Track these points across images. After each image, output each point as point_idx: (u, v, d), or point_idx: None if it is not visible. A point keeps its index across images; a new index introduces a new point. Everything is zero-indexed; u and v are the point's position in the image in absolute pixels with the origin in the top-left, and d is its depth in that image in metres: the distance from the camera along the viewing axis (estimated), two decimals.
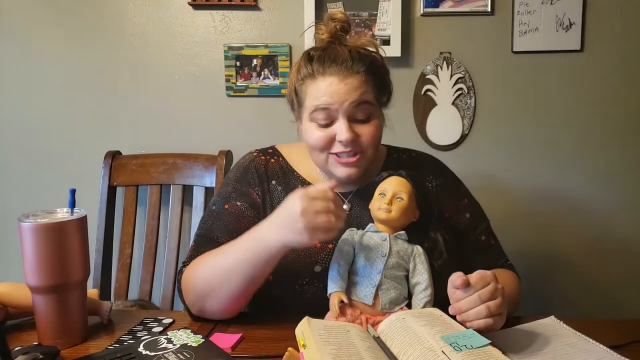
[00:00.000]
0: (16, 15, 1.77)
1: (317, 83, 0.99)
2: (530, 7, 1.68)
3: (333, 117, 0.99)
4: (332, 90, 0.97)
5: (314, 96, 0.99)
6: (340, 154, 1.00)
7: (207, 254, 1.00)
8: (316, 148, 1.01)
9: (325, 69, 0.98)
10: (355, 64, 0.99)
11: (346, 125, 0.97)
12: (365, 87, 0.98)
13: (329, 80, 0.98)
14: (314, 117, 1.00)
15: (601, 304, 1.79)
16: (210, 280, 0.94)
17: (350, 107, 0.97)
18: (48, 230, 0.85)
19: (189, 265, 1.01)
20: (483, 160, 1.77)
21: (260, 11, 1.74)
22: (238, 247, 0.93)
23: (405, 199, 0.94)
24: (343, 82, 0.97)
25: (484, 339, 0.76)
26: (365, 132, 0.99)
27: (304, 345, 0.77)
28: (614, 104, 1.73)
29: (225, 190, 1.10)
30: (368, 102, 0.99)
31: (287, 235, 0.86)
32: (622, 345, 0.86)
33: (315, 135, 1.00)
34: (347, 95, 0.97)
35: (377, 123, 1.01)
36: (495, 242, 1.14)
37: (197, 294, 0.96)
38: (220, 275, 0.93)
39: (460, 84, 1.74)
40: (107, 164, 1.72)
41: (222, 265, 0.93)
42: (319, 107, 0.98)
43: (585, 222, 1.77)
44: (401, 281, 0.93)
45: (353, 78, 0.98)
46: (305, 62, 1.02)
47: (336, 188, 0.92)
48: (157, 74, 1.79)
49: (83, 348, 0.89)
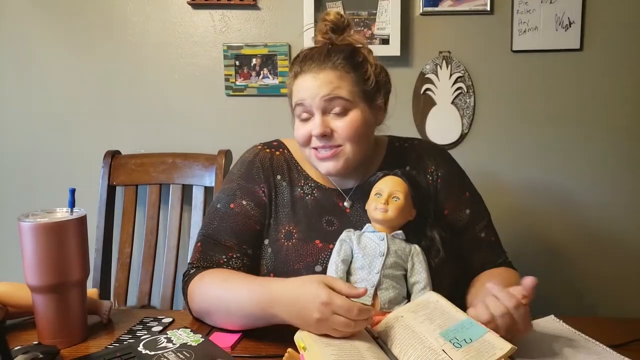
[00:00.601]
0: (16, 15, 1.77)
1: (297, 81, 1.03)
2: (529, 6, 1.68)
3: (310, 111, 1.01)
4: (305, 86, 1.01)
5: (295, 93, 1.03)
6: (319, 148, 1.02)
7: (214, 276, 0.99)
8: (300, 143, 1.05)
9: (302, 67, 1.02)
10: (330, 59, 1.00)
11: (318, 120, 1.00)
12: (339, 82, 0.99)
13: (305, 77, 1.01)
14: (296, 113, 1.04)
15: (601, 303, 1.79)
16: (212, 306, 0.95)
17: (321, 101, 0.99)
18: (48, 230, 0.85)
19: (196, 278, 1.00)
20: (482, 159, 1.77)
21: (260, 10, 1.74)
22: (247, 296, 0.90)
23: (401, 198, 0.94)
24: (315, 77, 1.00)
25: (482, 327, 0.76)
26: (340, 126, 1.00)
27: (304, 347, 0.77)
28: (613, 103, 1.73)
29: (230, 186, 1.10)
30: (341, 97, 0.99)
31: (295, 323, 0.84)
32: (622, 345, 0.86)
33: (298, 132, 1.04)
34: (318, 90, 0.99)
35: (355, 117, 1.00)
36: (496, 239, 1.13)
37: (201, 307, 0.98)
38: (223, 309, 0.94)
39: (460, 83, 1.74)
40: (106, 164, 1.72)
41: (226, 303, 0.93)
42: (297, 103, 1.03)
43: (585, 221, 1.77)
44: (400, 280, 0.93)
45: (325, 73, 1.00)
46: (294, 62, 1.06)
47: (365, 294, 0.83)
48: (156, 74, 1.78)
49: (83, 347, 0.89)
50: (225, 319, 0.94)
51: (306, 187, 1.09)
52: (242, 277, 0.96)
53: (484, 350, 0.72)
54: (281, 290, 0.85)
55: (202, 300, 0.97)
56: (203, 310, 0.98)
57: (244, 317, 0.91)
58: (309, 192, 1.09)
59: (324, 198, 1.08)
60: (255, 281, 0.93)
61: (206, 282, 0.98)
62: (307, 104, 1.00)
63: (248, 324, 0.92)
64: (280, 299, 0.85)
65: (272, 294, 0.86)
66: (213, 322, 0.97)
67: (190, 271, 1.04)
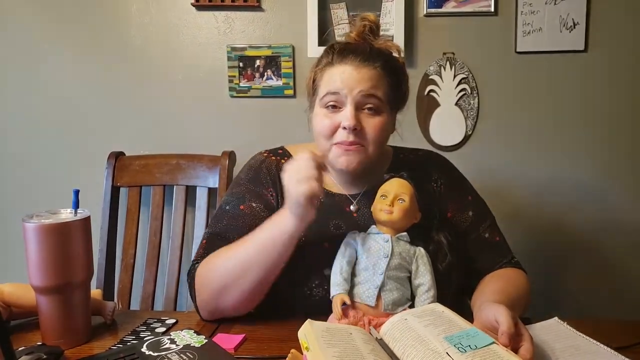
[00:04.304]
0: (20, 15, 1.78)
1: (332, 70, 1.02)
2: (534, 8, 1.68)
3: (342, 102, 1.00)
4: (344, 77, 1.00)
5: (328, 82, 1.02)
6: (342, 144, 1.01)
7: (223, 248, 1.00)
8: (322, 135, 1.03)
9: (342, 58, 1.02)
10: (373, 59, 1.02)
11: (351, 112, 0.99)
12: (378, 82, 1.01)
13: (344, 68, 1.01)
14: (324, 102, 1.02)
15: (605, 305, 1.78)
16: (231, 272, 0.95)
17: (359, 95, 0.99)
18: (52, 231, 0.85)
19: (204, 262, 1.01)
20: (486, 160, 1.76)
21: (264, 12, 1.75)
22: (256, 237, 0.96)
23: (406, 200, 0.94)
24: (357, 70, 1.00)
25: (488, 337, 0.75)
26: (370, 124, 1.00)
27: (307, 348, 0.76)
28: (618, 104, 1.72)
29: (238, 190, 1.11)
30: (377, 97, 1.00)
31: (292, 211, 0.91)
32: (627, 347, 0.86)
33: (324, 122, 1.02)
34: (357, 84, 0.99)
35: (384, 120, 1.02)
36: (501, 239, 1.13)
37: (213, 288, 0.97)
38: (242, 264, 0.94)
39: (464, 84, 1.73)
40: (110, 165, 1.73)
41: (242, 256, 0.95)
42: (329, 92, 1.01)
43: (590, 222, 1.76)
44: (404, 282, 0.93)
45: (367, 69, 1.00)
46: (327, 52, 1.06)
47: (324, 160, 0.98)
48: (160, 75, 1.79)
49: (87, 348, 0.90)
50: (249, 276, 0.94)
51: None
52: (244, 237, 0.99)
53: (489, 358, 0.71)
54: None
55: (215, 275, 0.97)
56: (217, 288, 0.97)
57: (265, 257, 0.94)
58: None
59: (331, 203, 1.09)
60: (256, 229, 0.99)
61: (213, 259, 0.99)
62: (342, 94, 1.00)
63: (269, 263, 0.94)
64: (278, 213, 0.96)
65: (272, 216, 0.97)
66: (229, 297, 0.96)
67: (195, 265, 1.04)
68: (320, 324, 0.82)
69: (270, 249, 0.94)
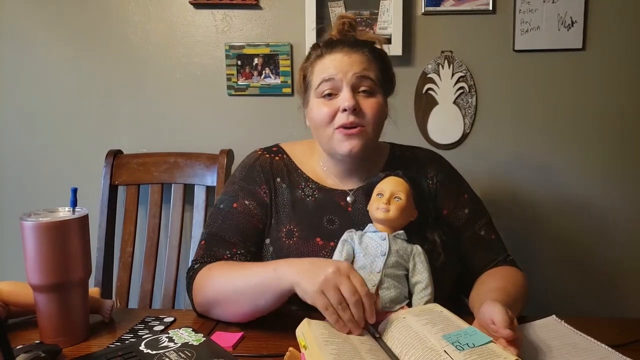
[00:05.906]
0: (17, 14, 1.77)
1: (323, 60, 1.06)
2: (532, 6, 1.68)
3: (338, 87, 1.03)
4: (336, 63, 1.04)
5: (320, 71, 1.05)
6: (344, 127, 1.02)
7: (222, 265, 1.00)
8: (322, 122, 1.04)
9: (331, 49, 1.06)
10: (359, 46, 1.06)
11: (349, 94, 1.01)
12: (369, 65, 1.04)
13: (334, 56, 1.05)
14: (319, 91, 1.05)
15: (602, 303, 1.78)
16: (223, 293, 0.95)
17: (354, 77, 1.02)
18: (50, 229, 0.85)
19: (203, 270, 1.01)
20: (484, 159, 1.76)
21: (262, 10, 1.74)
22: (252, 271, 0.93)
23: (403, 198, 0.95)
24: (347, 55, 1.04)
25: (485, 336, 0.75)
26: (367, 105, 1.03)
27: (305, 346, 0.77)
28: (616, 103, 1.72)
29: (232, 188, 1.12)
30: (371, 79, 1.04)
31: (301, 280, 0.83)
32: (624, 345, 0.86)
33: (322, 110, 1.04)
34: (350, 67, 1.03)
35: (379, 101, 1.05)
36: (496, 237, 1.14)
37: (208, 297, 0.98)
38: (230, 294, 0.94)
39: (462, 82, 1.73)
40: (108, 163, 1.72)
41: (233, 285, 0.94)
42: (324, 79, 1.04)
43: (587, 221, 1.77)
44: (401, 280, 0.93)
45: (357, 54, 1.05)
46: (314, 48, 1.10)
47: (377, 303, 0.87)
48: (158, 73, 1.79)
49: (85, 346, 0.89)
50: (233, 307, 0.94)
51: (307, 189, 1.10)
52: (245, 263, 0.99)
53: (487, 356, 0.71)
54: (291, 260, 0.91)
55: (210, 289, 0.97)
56: (210, 300, 0.97)
57: (252, 295, 0.91)
58: (310, 194, 1.10)
59: (325, 198, 1.09)
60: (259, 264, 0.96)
61: (214, 272, 0.99)
62: (337, 79, 1.02)
63: (256, 303, 0.91)
64: (294, 260, 0.90)
65: (281, 260, 0.93)
66: (220, 311, 0.97)
67: (195, 266, 1.04)
68: (319, 323, 0.83)
69: (260, 290, 0.90)
